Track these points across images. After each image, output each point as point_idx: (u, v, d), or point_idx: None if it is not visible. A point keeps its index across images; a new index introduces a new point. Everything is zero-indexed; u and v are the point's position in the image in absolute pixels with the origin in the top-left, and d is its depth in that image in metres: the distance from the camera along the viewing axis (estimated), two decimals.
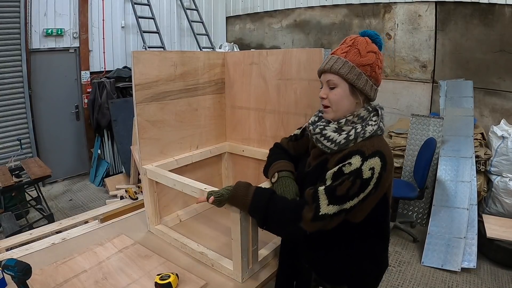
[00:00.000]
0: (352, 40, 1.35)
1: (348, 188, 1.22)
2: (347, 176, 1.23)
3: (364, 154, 1.24)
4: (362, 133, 1.29)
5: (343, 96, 1.34)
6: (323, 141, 1.35)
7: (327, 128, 1.36)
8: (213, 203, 1.45)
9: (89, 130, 6.07)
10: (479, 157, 4.15)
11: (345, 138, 1.30)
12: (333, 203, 1.24)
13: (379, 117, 1.35)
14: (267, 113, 2.21)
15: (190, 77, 2.16)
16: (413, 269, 3.52)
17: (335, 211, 1.24)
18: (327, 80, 1.35)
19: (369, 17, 5.66)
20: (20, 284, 1.37)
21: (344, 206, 1.23)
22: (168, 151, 2.12)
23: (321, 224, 1.26)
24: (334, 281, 1.48)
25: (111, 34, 6.19)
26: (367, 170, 1.22)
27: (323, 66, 1.36)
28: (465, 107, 4.44)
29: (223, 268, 1.71)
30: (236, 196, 1.42)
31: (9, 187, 3.93)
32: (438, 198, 3.91)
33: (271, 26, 7.05)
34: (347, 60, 1.31)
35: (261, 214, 1.37)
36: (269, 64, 2.13)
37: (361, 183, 1.22)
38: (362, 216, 1.32)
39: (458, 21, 4.82)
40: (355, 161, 1.24)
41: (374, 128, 1.31)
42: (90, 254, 1.84)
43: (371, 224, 1.37)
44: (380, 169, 1.23)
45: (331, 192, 1.24)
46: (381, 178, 1.24)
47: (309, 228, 1.26)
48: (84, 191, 5.63)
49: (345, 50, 1.33)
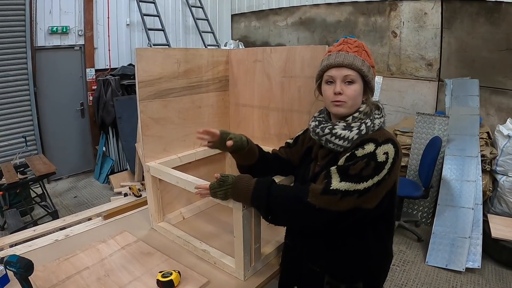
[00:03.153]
0: (355, 42, 1.37)
1: (362, 168, 1.20)
2: (361, 158, 1.22)
3: (377, 141, 1.25)
4: (372, 126, 1.31)
5: (359, 92, 1.35)
6: (334, 140, 1.34)
7: (336, 127, 1.35)
8: (213, 187, 1.47)
9: (94, 128, 6.10)
10: (485, 156, 4.12)
11: (357, 133, 1.30)
12: (345, 180, 1.21)
13: (381, 110, 1.39)
14: (271, 110, 2.20)
15: (193, 75, 2.15)
16: (417, 268, 3.50)
17: (346, 188, 1.20)
18: (345, 75, 1.33)
19: (375, 15, 5.62)
20: (22, 281, 1.37)
21: (357, 186, 1.20)
22: (171, 149, 2.12)
23: (330, 198, 1.21)
24: (349, 279, 1.44)
25: (116, 31, 6.21)
26: (381, 154, 1.22)
27: (341, 61, 1.32)
28: (471, 106, 4.41)
29: (225, 266, 1.70)
30: (239, 182, 1.41)
31: (14, 184, 3.95)
32: (443, 197, 3.88)
33: (276, 24, 7.03)
34: (363, 59, 1.33)
35: (264, 199, 1.34)
36: (273, 61, 2.12)
37: (376, 165, 1.21)
38: (375, 202, 1.26)
39: (464, 19, 4.78)
40: (368, 146, 1.24)
41: (382, 120, 1.34)
42: (92, 251, 1.85)
43: (381, 213, 1.35)
44: (394, 154, 1.23)
45: (343, 170, 1.23)
46: (394, 164, 1.24)
47: (317, 201, 1.22)
48: (89, 188, 5.66)
49: (355, 50, 1.34)
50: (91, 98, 5.94)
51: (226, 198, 1.46)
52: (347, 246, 1.39)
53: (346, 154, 1.28)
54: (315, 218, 1.27)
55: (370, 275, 1.44)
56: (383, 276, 1.53)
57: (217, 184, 1.45)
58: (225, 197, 1.46)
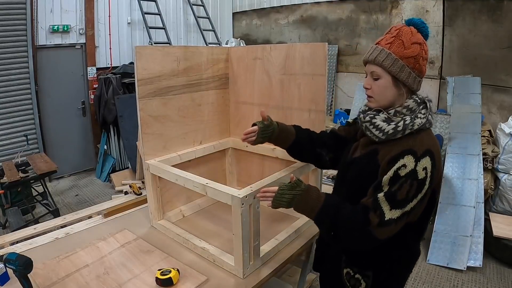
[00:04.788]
0: (397, 31, 1.34)
1: (408, 191, 1.23)
2: (404, 180, 1.23)
3: (416, 154, 1.25)
4: (410, 125, 1.29)
5: (386, 87, 1.35)
6: (372, 129, 1.36)
7: (377, 117, 1.37)
8: (283, 188, 1.41)
9: (95, 126, 6.10)
10: (486, 155, 4.10)
11: (393, 128, 1.31)
12: (395, 207, 1.24)
13: (428, 109, 1.35)
14: (271, 108, 2.20)
15: (193, 72, 2.15)
16: (418, 267, 3.49)
17: (398, 215, 1.24)
18: (371, 71, 1.36)
19: (376, 13, 5.61)
20: (22, 278, 1.37)
21: (405, 209, 1.24)
22: (171, 146, 2.12)
23: (389, 229, 1.26)
24: (361, 265, 1.47)
25: (117, 30, 6.21)
26: (421, 171, 1.23)
27: (367, 57, 1.36)
28: (472, 104, 4.38)
29: (224, 264, 1.70)
30: (309, 192, 1.40)
31: (16, 182, 3.96)
32: (445, 195, 3.87)
33: (278, 22, 7.02)
34: (391, 52, 1.31)
35: (331, 219, 1.34)
36: (272, 59, 2.12)
37: (418, 184, 1.23)
38: (419, 214, 1.33)
39: (466, 17, 4.76)
40: (409, 162, 1.24)
41: (423, 121, 1.31)
42: (92, 249, 1.85)
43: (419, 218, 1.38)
44: (431, 167, 1.25)
45: (392, 197, 1.25)
46: (433, 176, 1.25)
47: (378, 233, 1.26)
48: (90, 187, 5.66)
49: (390, 41, 1.33)
50: (92, 96, 5.94)
51: (290, 205, 1.41)
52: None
53: (389, 173, 1.26)
54: (372, 244, 1.31)
55: (383, 267, 1.45)
56: (400, 274, 1.53)
57: (290, 185, 1.41)
58: (291, 202, 1.41)
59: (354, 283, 1.48)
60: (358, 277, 1.47)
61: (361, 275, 1.46)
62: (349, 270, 1.50)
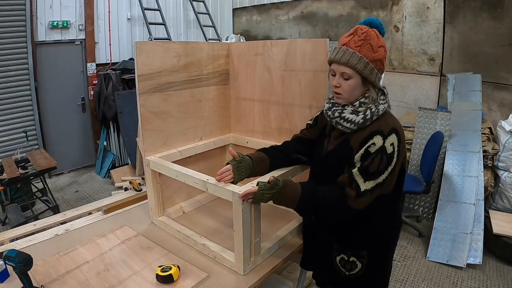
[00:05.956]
0: (364, 34, 1.43)
1: (379, 164, 1.38)
2: (375, 155, 1.38)
3: (383, 133, 1.40)
4: (376, 112, 1.45)
5: (356, 86, 1.46)
6: (342, 123, 1.48)
7: (345, 111, 1.48)
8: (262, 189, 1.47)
9: (95, 122, 6.09)
10: (487, 152, 4.10)
11: (362, 118, 1.44)
12: (369, 179, 1.38)
13: (386, 95, 1.51)
14: (272, 104, 2.19)
15: (193, 68, 2.14)
16: (418, 264, 3.49)
17: (372, 186, 1.38)
18: (342, 71, 1.45)
19: (377, 9, 5.59)
20: (22, 275, 1.37)
21: (378, 180, 1.39)
22: (172, 143, 2.11)
23: (365, 199, 1.39)
24: (355, 247, 1.57)
25: (117, 26, 6.19)
26: (389, 146, 1.38)
27: (338, 58, 1.44)
28: (473, 101, 4.37)
29: (225, 260, 1.70)
30: (287, 187, 1.48)
31: (15, 178, 3.95)
32: (445, 192, 3.86)
33: (278, 18, 7.00)
34: (362, 56, 1.41)
35: (312, 205, 1.46)
36: (273, 55, 2.11)
37: (387, 158, 1.38)
38: (392, 186, 1.46)
39: (467, 14, 4.74)
40: (377, 140, 1.39)
41: (385, 106, 1.48)
42: (92, 246, 1.85)
43: (392, 190, 1.49)
44: (398, 142, 1.40)
45: (364, 171, 1.39)
46: (399, 151, 1.41)
47: (356, 204, 1.40)
48: (90, 183, 5.66)
49: (359, 44, 1.42)
50: (92, 92, 5.93)
51: (270, 200, 1.51)
52: (355, 219, 1.51)
53: (360, 151, 1.41)
54: (353, 215, 1.45)
55: (375, 243, 1.57)
56: (390, 245, 1.66)
57: (269, 186, 1.48)
58: (270, 199, 1.50)
59: (350, 267, 1.58)
60: (353, 260, 1.57)
61: (356, 257, 1.56)
62: (342, 256, 1.59)
